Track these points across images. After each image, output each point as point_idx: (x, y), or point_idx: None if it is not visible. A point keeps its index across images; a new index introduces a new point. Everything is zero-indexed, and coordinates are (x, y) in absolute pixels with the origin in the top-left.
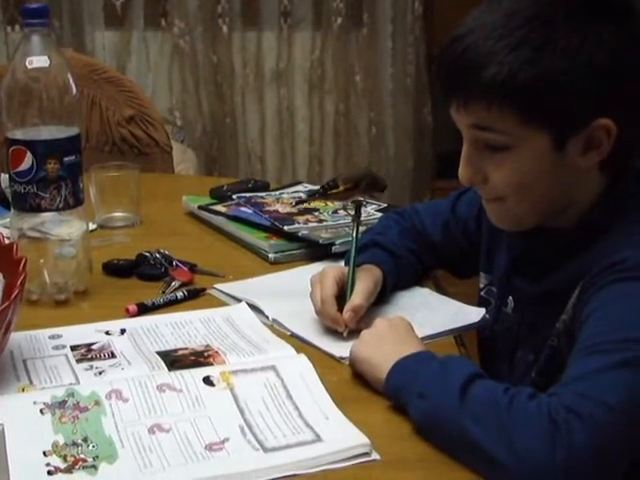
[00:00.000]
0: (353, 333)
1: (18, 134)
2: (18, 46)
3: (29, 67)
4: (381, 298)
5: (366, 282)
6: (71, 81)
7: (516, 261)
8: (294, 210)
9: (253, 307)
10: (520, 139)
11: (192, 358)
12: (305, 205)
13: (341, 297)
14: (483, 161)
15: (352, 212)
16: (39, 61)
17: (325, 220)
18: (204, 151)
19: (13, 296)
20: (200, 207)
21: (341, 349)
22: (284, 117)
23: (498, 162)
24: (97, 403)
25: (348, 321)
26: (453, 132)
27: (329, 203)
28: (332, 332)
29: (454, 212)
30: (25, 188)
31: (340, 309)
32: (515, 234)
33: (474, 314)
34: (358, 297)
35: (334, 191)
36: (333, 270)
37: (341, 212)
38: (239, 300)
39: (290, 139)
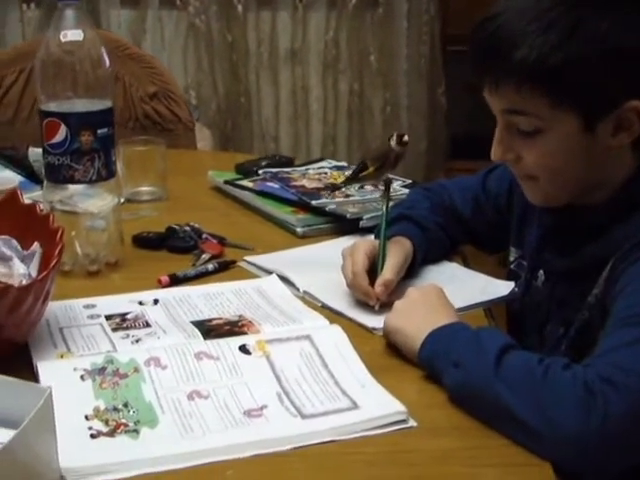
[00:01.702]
0: (384, 306)
1: (52, 106)
2: (51, 21)
3: (63, 40)
4: (411, 271)
5: (397, 256)
6: (104, 55)
7: (548, 235)
8: (320, 185)
9: (283, 279)
10: (550, 122)
11: (227, 327)
12: (331, 180)
13: (372, 270)
14: (515, 142)
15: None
16: (73, 35)
17: (352, 195)
18: (219, 130)
19: (52, 265)
20: (226, 182)
21: (373, 320)
22: (298, 97)
23: (530, 145)
24: (136, 370)
25: (380, 295)
26: (467, 113)
27: None
28: (363, 303)
29: (484, 187)
30: (59, 160)
31: (371, 282)
32: (547, 209)
33: (503, 287)
34: (389, 271)
35: (365, 173)
36: (364, 243)
37: (367, 187)
38: (269, 272)
39: (304, 119)
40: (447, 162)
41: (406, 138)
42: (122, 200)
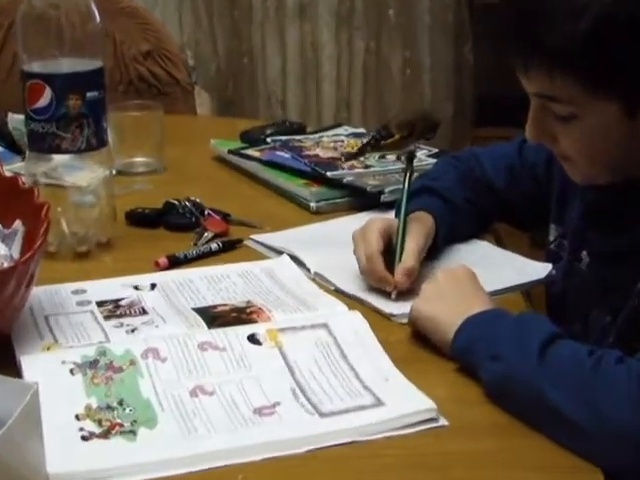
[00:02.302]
0: (402, 294)
1: (36, 67)
2: None
3: None
4: (434, 251)
5: (417, 237)
6: (93, 8)
7: (591, 212)
8: (336, 155)
9: (294, 259)
10: (588, 109)
11: (234, 315)
12: (348, 149)
13: (388, 252)
14: (551, 124)
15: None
16: None
17: (372, 166)
18: (219, 93)
19: (36, 246)
20: (230, 151)
21: (392, 306)
22: (308, 56)
23: (565, 129)
24: (132, 363)
25: (401, 284)
26: (497, 73)
27: None
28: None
29: (521, 155)
30: (44, 127)
31: (387, 265)
32: (590, 185)
33: (540, 269)
34: (410, 258)
35: (389, 141)
36: (377, 222)
37: (390, 157)
38: (279, 252)
39: (314, 80)
40: (475, 129)
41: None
42: (114, 172)
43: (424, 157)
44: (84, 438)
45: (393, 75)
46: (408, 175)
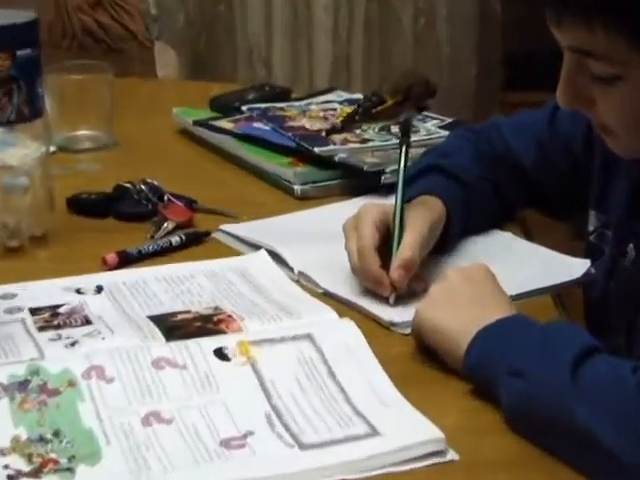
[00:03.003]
0: (403, 298)
1: None
2: None
3: None
4: (444, 244)
5: (418, 226)
6: None
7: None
8: (327, 126)
9: (274, 256)
10: (629, 68)
11: (197, 324)
12: (340, 119)
13: (386, 247)
14: (587, 86)
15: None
16: None
17: (370, 140)
18: (188, 50)
19: None
20: (197, 122)
21: (394, 312)
22: (298, 3)
23: (605, 93)
24: (71, 384)
25: (397, 281)
26: (529, 25)
27: None
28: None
29: (553, 125)
30: None
31: (384, 263)
32: (637, 161)
33: (576, 266)
34: (408, 246)
35: (380, 108)
36: (372, 210)
37: (393, 129)
38: (255, 247)
39: (306, 34)
40: (503, 93)
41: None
42: (52, 149)
43: (434, 129)
44: (10, 478)
45: (403, 27)
46: (404, 149)
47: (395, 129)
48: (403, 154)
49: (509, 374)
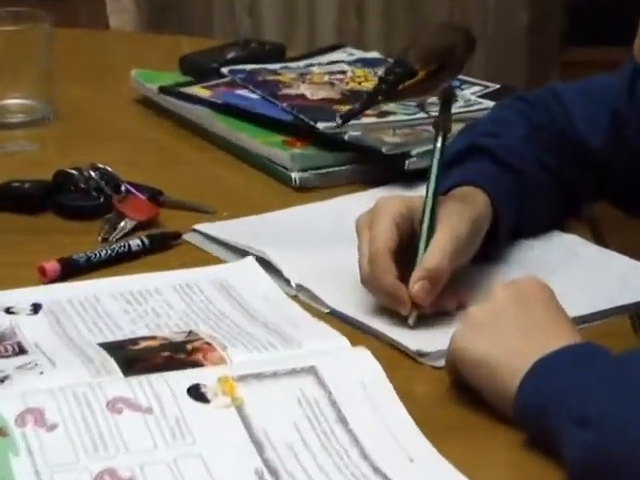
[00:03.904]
0: (428, 319)
1: None
2: None
3: None
4: (490, 249)
5: (454, 224)
6: None
7: None
8: (334, 95)
9: (264, 264)
10: None
11: (165, 354)
12: (350, 86)
13: (411, 252)
14: None
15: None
16: None
17: (391, 113)
18: None
19: None
20: (163, 89)
21: (422, 338)
22: None
23: None
24: (1, 433)
25: (417, 297)
26: None
27: None
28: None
29: (633, 95)
30: None
31: (406, 274)
32: None
33: None
34: (437, 251)
35: (408, 83)
36: (393, 203)
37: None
38: (241, 252)
39: None
40: (563, 50)
41: (472, 36)
42: None
43: (475, 98)
44: None
45: None
46: (442, 129)
47: (430, 103)
48: (441, 135)
49: (574, 422)
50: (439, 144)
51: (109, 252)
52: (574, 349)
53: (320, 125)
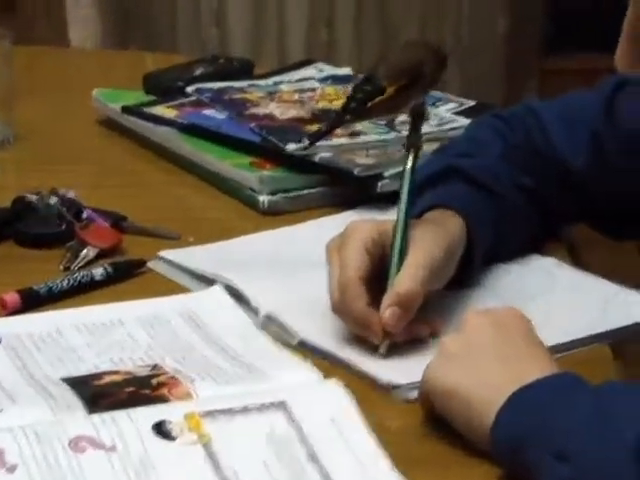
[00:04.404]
0: (404, 349)
1: None
2: None
3: None
4: (464, 275)
5: (428, 246)
6: None
7: None
8: (303, 114)
9: (231, 293)
10: None
11: (130, 389)
12: (321, 105)
13: (382, 278)
14: None
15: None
16: None
17: (364, 133)
18: (111, 7)
19: None
20: (127, 109)
21: (394, 369)
22: None
23: None
24: None
25: (388, 324)
26: None
27: None
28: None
29: (612, 114)
30: None
31: (377, 301)
32: None
33: None
34: (408, 277)
35: (378, 99)
36: (363, 227)
37: (398, 122)
38: (208, 281)
39: None
40: (544, 59)
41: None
42: None
43: (450, 115)
44: None
45: None
46: (413, 148)
47: (400, 121)
48: (412, 154)
49: (551, 457)
50: (409, 164)
51: (71, 282)
52: (551, 380)
53: (289, 146)
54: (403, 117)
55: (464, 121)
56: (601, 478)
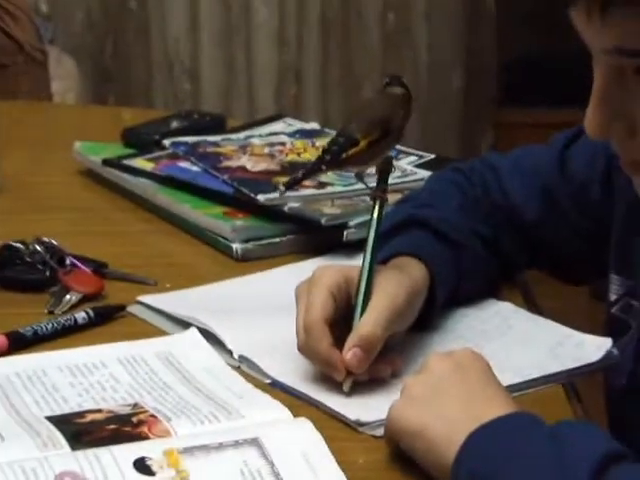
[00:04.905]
0: (369, 387)
1: None
2: None
3: None
4: (426, 319)
5: (391, 290)
6: None
7: None
8: (273, 167)
9: (207, 336)
10: None
11: (111, 427)
12: (290, 158)
13: (346, 320)
14: (629, 99)
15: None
16: None
17: (330, 184)
18: (89, 59)
19: None
20: (107, 162)
21: (361, 408)
22: None
23: None
24: None
25: (352, 364)
26: (530, 24)
27: None
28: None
29: (562, 169)
30: None
31: (343, 341)
32: None
33: (593, 347)
34: (370, 319)
35: (351, 152)
36: (329, 273)
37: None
38: (184, 324)
39: (243, 37)
40: (498, 111)
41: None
42: None
43: (411, 168)
44: None
45: (367, 26)
46: (379, 200)
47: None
48: (378, 205)
49: None
50: (375, 214)
51: (55, 325)
52: (509, 420)
53: (261, 197)
54: (371, 170)
55: (424, 173)
56: None
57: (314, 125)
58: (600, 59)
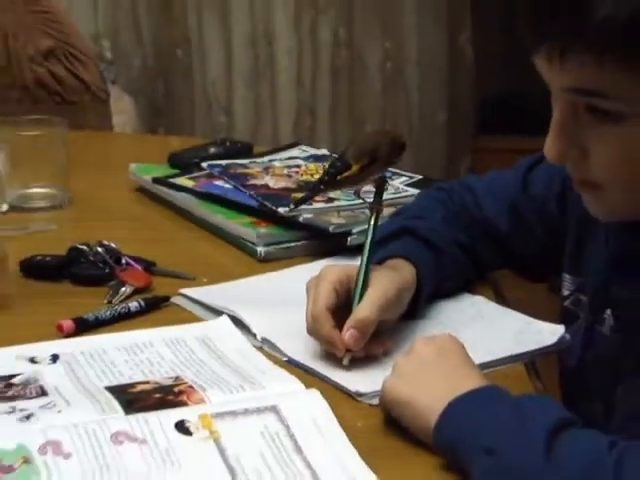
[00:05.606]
0: (366, 364)
1: None
2: None
3: None
4: (414, 310)
5: (385, 284)
6: None
7: (618, 260)
8: (291, 185)
9: (237, 322)
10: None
11: (157, 396)
12: (304, 177)
13: (348, 309)
14: (582, 130)
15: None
16: None
17: (337, 199)
18: (144, 97)
19: None
20: (156, 180)
21: (360, 381)
22: (260, 47)
23: (604, 136)
24: (26, 460)
25: (348, 343)
26: (502, 67)
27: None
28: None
29: (526, 188)
30: None
31: (342, 324)
32: (620, 224)
33: (550, 333)
34: (366, 306)
35: (346, 174)
36: (333, 270)
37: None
38: (218, 312)
39: (268, 80)
40: (475, 139)
41: (403, 140)
42: (4, 208)
43: (403, 187)
44: None
45: (369, 72)
46: (375, 211)
47: (365, 191)
48: (373, 216)
49: (480, 451)
50: (372, 223)
51: (113, 313)
52: (480, 391)
53: (280, 210)
54: (368, 187)
55: (414, 191)
56: (519, 466)
57: (324, 151)
58: (559, 96)
